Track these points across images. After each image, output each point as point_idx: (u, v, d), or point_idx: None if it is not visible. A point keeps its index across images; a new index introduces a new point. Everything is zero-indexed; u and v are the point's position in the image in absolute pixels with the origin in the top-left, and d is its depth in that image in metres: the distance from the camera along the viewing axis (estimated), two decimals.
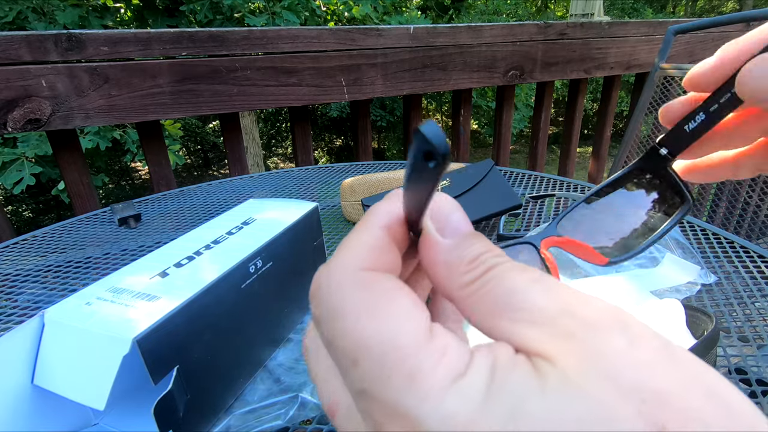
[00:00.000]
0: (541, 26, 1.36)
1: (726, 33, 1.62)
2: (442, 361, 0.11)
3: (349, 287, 0.12)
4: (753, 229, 0.97)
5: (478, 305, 0.12)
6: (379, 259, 0.13)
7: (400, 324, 0.11)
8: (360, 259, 0.13)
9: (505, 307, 0.11)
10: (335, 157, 7.57)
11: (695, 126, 0.21)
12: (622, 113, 5.90)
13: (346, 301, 0.12)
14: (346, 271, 0.12)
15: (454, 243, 0.13)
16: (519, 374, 0.10)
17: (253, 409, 0.33)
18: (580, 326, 0.10)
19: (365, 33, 1.15)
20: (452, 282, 0.13)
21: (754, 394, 0.33)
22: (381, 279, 0.12)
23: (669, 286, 0.44)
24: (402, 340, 0.11)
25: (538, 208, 0.69)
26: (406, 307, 0.12)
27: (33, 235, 0.67)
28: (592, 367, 0.10)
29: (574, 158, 1.65)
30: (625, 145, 1.20)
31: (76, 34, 0.88)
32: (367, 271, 0.12)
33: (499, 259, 0.12)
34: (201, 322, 0.30)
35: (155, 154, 1.10)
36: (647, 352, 0.10)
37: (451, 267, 0.13)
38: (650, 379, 0.09)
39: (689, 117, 0.21)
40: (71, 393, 0.26)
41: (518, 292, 0.11)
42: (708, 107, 0.20)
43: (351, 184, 0.66)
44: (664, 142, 0.22)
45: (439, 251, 0.13)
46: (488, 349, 0.11)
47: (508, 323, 0.11)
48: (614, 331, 0.10)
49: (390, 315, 0.11)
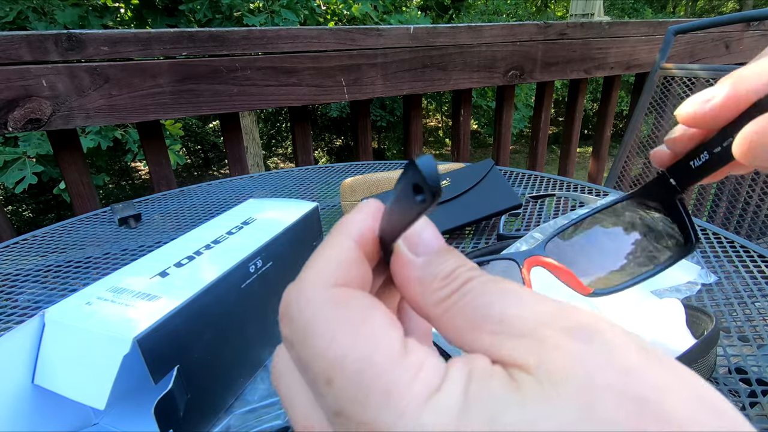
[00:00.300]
0: (541, 26, 1.36)
1: (726, 33, 1.62)
2: (418, 377, 0.11)
3: (320, 305, 0.12)
4: (753, 229, 0.97)
5: (454, 320, 0.12)
6: (350, 274, 0.13)
7: (376, 341, 0.11)
8: (331, 275, 0.12)
9: (481, 320, 0.11)
10: (335, 157, 7.57)
11: (700, 164, 0.19)
12: (622, 113, 5.90)
13: (319, 320, 0.12)
14: (316, 288, 0.12)
15: (427, 260, 0.13)
16: (495, 385, 0.10)
17: (253, 409, 0.33)
18: (557, 336, 0.10)
19: (365, 33, 1.15)
20: (427, 299, 0.13)
21: (754, 393, 0.33)
22: (354, 295, 0.12)
23: (669, 286, 0.44)
24: (377, 357, 0.11)
25: (538, 208, 0.69)
26: (381, 324, 0.12)
27: (33, 235, 0.67)
28: (569, 374, 0.10)
29: (574, 158, 1.65)
30: (625, 145, 1.20)
31: (77, 34, 0.88)
32: (338, 288, 0.12)
33: (473, 272, 0.12)
34: (201, 321, 0.30)
35: (155, 154, 1.10)
36: (624, 358, 0.10)
37: (424, 284, 0.13)
38: (630, 384, 0.09)
39: (693, 153, 0.19)
40: (71, 393, 0.26)
41: (494, 304, 0.11)
42: (712, 148, 0.18)
43: (351, 184, 0.66)
44: (672, 172, 0.20)
45: (412, 269, 0.13)
46: (464, 361, 0.11)
47: (484, 336, 0.11)
48: (591, 338, 0.10)
49: (365, 332, 0.11)
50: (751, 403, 0.32)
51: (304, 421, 0.13)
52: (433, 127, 8.26)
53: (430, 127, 8.21)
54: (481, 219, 0.59)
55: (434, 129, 8.28)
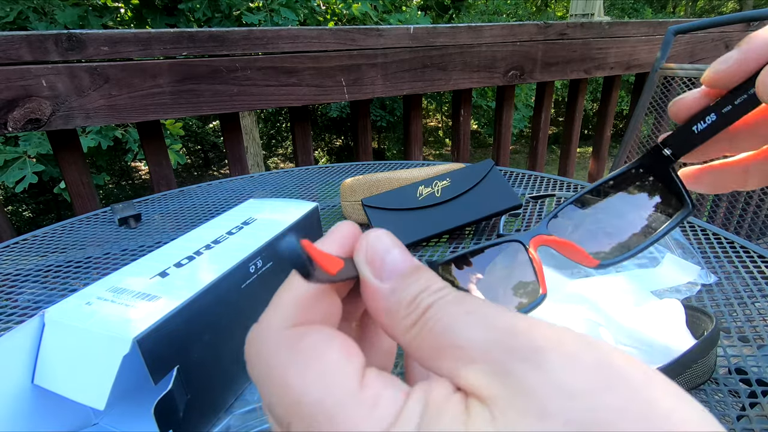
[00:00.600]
0: (541, 26, 1.36)
1: (726, 33, 1.62)
2: (373, 414, 0.11)
3: (274, 349, 0.12)
4: (753, 229, 0.97)
5: (420, 347, 0.12)
6: (309, 312, 0.13)
7: (328, 380, 0.11)
8: (286, 316, 0.13)
9: (443, 346, 0.11)
10: (335, 157, 7.57)
11: (704, 127, 0.19)
12: (622, 112, 5.90)
13: (273, 364, 0.12)
14: (271, 332, 0.12)
15: (392, 287, 0.13)
16: (447, 418, 0.10)
17: (253, 409, 0.33)
18: (512, 359, 0.10)
19: (365, 33, 1.15)
20: (395, 329, 0.13)
21: (754, 394, 0.33)
22: (306, 334, 0.12)
23: (669, 286, 0.44)
24: (330, 398, 0.11)
25: (538, 208, 0.69)
26: (334, 361, 0.12)
27: (33, 235, 0.67)
28: (518, 405, 0.10)
29: (574, 158, 1.65)
30: (625, 145, 1.20)
31: (77, 34, 0.88)
32: (293, 328, 0.12)
33: (435, 296, 0.12)
34: (201, 321, 0.30)
35: (155, 154, 1.10)
36: (577, 378, 0.10)
37: (391, 314, 0.13)
38: (573, 408, 0.09)
39: (698, 116, 0.19)
40: (71, 393, 0.26)
41: (454, 329, 0.11)
42: (721, 108, 0.18)
43: (351, 184, 0.66)
44: (668, 141, 0.21)
45: (379, 298, 0.13)
46: (423, 390, 0.11)
47: (447, 362, 0.11)
48: (546, 359, 0.10)
49: (316, 373, 0.11)
50: (751, 403, 0.32)
51: None
52: (433, 127, 8.26)
53: (430, 127, 8.21)
54: (481, 219, 0.59)
55: (434, 129, 8.28)
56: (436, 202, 0.60)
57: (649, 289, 0.43)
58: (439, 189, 0.61)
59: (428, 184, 0.61)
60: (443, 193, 0.60)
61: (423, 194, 0.60)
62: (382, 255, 0.13)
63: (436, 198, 0.60)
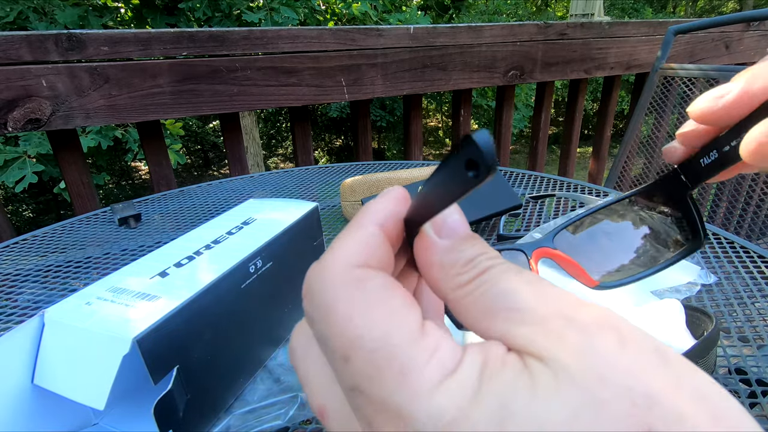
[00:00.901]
0: (541, 26, 1.36)
1: (726, 33, 1.62)
2: (433, 359, 0.11)
3: (340, 284, 0.12)
4: (753, 229, 0.97)
5: (472, 306, 0.12)
6: (372, 256, 0.13)
7: (392, 321, 0.11)
8: (352, 255, 0.13)
9: (499, 307, 0.11)
10: (335, 157, 7.57)
11: (709, 162, 0.19)
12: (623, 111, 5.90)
13: (338, 299, 0.12)
14: (337, 268, 0.12)
15: (451, 245, 0.13)
16: (509, 373, 0.10)
17: (253, 409, 0.34)
18: (573, 328, 0.10)
19: (365, 33, 1.15)
20: (447, 283, 0.13)
21: (754, 394, 0.33)
22: (373, 276, 0.12)
23: (669, 286, 0.44)
24: (393, 337, 0.11)
25: (538, 208, 0.69)
26: (398, 305, 0.12)
27: (33, 235, 0.67)
28: (583, 367, 0.10)
29: (574, 158, 1.65)
30: (625, 145, 1.20)
31: (77, 34, 0.88)
32: (359, 268, 0.12)
33: (494, 261, 0.13)
34: (201, 322, 0.30)
35: (155, 154, 1.10)
36: (638, 355, 0.10)
37: (446, 268, 0.13)
38: (640, 381, 0.09)
39: (704, 151, 0.19)
40: (71, 393, 0.26)
41: (513, 293, 0.11)
42: (721, 147, 0.18)
43: (351, 184, 0.66)
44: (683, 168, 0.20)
45: (435, 252, 0.13)
46: (480, 347, 0.11)
47: (501, 323, 0.11)
48: (606, 333, 0.10)
49: (382, 313, 0.11)
50: (751, 403, 0.32)
51: (320, 399, 0.13)
52: (433, 127, 8.26)
53: (430, 127, 8.21)
54: (481, 219, 0.59)
55: (434, 129, 8.28)
56: None
57: (649, 289, 0.43)
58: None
59: None
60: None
61: None
62: (445, 215, 0.14)
63: None
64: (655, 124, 1.17)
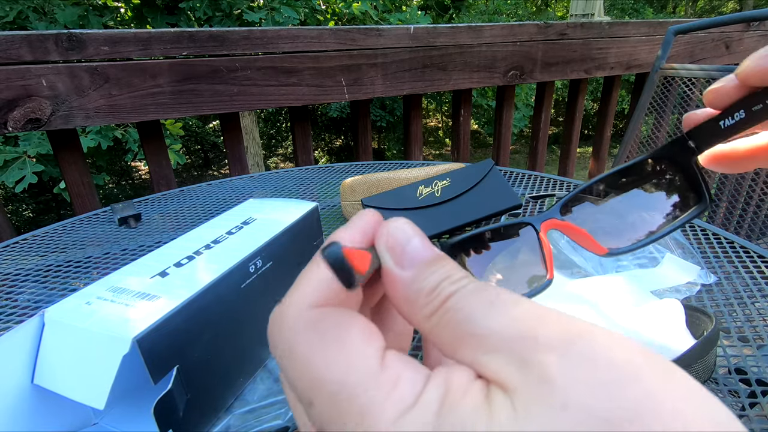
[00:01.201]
0: (541, 26, 1.36)
1: (726, 33, 1.62)
2: (393, 394, 0.11)
3: (298, 327, 0.12)
4: (753, 229, 0.97)
5: (441, 336, 0.12)
6: (331, 293, 0.13)
7: (349, 360, 0.11)
8: (307, 296, 0.13)
9: (463, 335, 0.11)
10: (335, 157, 7.57)
11: (731, 123, 0.19)
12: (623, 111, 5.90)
13: (297, 342, 0.12)
14: (293, 312, 0.13)
15: (413, 275, 0.13)
16: (468, 405, 0.10)
17: (252, 409, 0.34)
18: (535, 350, 0.10)
19: (365, 33, 1.15)
20: (415, 316, 0.13)
21: (753, 394, 0.33)
22: (328, 314, 0.12)
23: (669, 286, 0.44)
24: (351, 378, 0.11)
25: (538, 208, 0.69)
26: (357, 341, 0.12)
27: (33, 235, 0.67)
28: (540, 394, 0.10)
29: (574, 158, 1.65)
30: (625, 145, 1.20)
31: (77, 34, 0.88)
32: (314, 309, 0.12)
33: (458, 284, 0.12)
34: (201, 321, 0.30)
35: (155, 153, 1.10)
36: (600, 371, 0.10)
37: (411, 302, 0.13)
38: (596, 404, 0.09)
39: (727, 112, 0.19)
40: (71, 392, 0.26)
41: (475, 319, 0.11)
42: (750, 105, 0.18)
43: (351, 184, 0.66)
44: (693, 134, 0.20)
45: (399, 287, 0.13)
46: (445, 374, 0.11)
47: (468, 351, 0.11)
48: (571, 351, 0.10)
49: (338, 352, 0.12)
50: (751, 403, 0.32)
51: (303, 427, 0.14)
52: (433, 127, 8.26)
53: (430, 127, 8.21)
54: (481, 219, 0.59)
55: (434, 129, 8.28)
56: (436, 201, 0.60)
57: (648, 289, 0.43)
58: (439, 189, 0.61)
59: (428, 184, 0.61)
60: (443, 192, 0.60)
61: (423, 194, 0.60)
62: (403, 243, 0.13)
63: (436, 198, 0.60)
64: (655, 124, 1.17)
